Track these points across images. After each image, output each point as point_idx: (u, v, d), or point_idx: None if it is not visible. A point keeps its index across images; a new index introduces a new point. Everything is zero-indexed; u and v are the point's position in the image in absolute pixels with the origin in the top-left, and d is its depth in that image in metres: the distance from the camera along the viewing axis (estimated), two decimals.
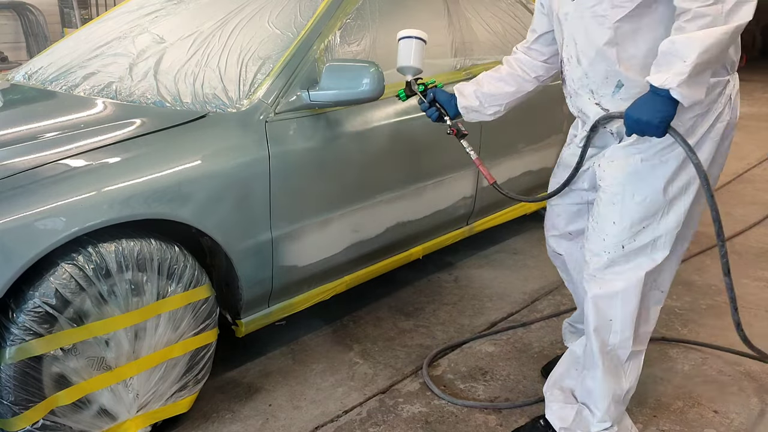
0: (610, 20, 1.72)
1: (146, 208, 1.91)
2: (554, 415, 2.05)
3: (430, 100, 2.23)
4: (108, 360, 1.91)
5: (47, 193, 1.76)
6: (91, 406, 1.90)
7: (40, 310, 1.73)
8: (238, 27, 2.59)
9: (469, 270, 3.36)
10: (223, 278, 2.28)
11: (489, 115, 2.21)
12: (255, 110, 2.24)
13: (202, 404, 2.28)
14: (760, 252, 3.57)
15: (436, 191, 2.89)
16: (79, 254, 1.80)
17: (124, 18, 3.02)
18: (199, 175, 2.04)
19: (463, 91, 2.21)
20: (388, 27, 2.73)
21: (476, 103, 2.18)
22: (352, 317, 2.89)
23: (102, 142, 1.98)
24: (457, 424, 2.21)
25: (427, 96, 2.23)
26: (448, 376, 2.47)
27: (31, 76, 2.83)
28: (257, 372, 2.50)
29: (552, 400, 2.08)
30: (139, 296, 1.93)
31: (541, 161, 3.48)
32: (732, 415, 2.24)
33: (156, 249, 1.95)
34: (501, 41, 3.26)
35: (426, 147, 2.78)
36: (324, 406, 2.30)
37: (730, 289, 1.83)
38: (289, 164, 2.27)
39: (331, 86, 2.29)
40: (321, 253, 2.47)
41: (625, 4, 1.70)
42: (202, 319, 2.11)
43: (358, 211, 2.56)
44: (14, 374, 1.72)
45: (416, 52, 2.21)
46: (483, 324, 2.84)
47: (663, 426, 2.19)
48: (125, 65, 2.58)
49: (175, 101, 2.29)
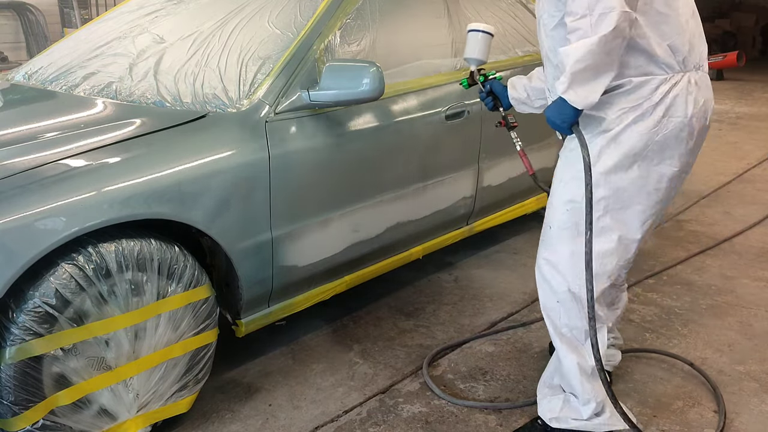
0: (548, 29, 1.95)
1: (146, 208, 1.91)
2: (544, 408, 2.12)
3: (487, 90, 2.45)
4: (108, 360, 1.91)
5: (47, 193, 1.76)
6: (91, 406, 1.90)
7: (40, 310, 1.73)
8: (238, 27, 2.59)
9: (469, 270, 3.36)
10: (223, 278, 2.28)
11: (537, 108, 2.37)
12: (255, 110, 2.24)
13: (202, 404, 2.28)
14: (760, 252, 3.57)
15: (436, 191, 2.88)
16: (79, 254, 1.80)
17: (124, 18, 3.02)
18: (199, 175, 2.04)
19: (515, 84, 2.38)
20: (388, 27, 2.73)
21: (524, 95, 2.36)
22: (352, 317, 2.89)
23: (102, 142, 1.98)
24: (457, 424, 2.21)
25: (486, 86, 2.45)
26: (448, 376, 2.47)
27: (31, 76, 2.83)
28: (257, 372, 2.50)
29: (541, 398, 2.15)
30: (139, 296, 1.93)
31: (541, 161, 3.48)
32: (732, 415, 2.24)
33: (156, 249, 1.95)
34: (501, 41, 3.26)
35: (426, 147, 2.78)
36: (324, 406, 2.30)
37: (590, 286, 1.84)
38: (289, 164, 2.27)
39: (331, 86, 2.29)
40: (321, 253, 2.47)
41: (555, 14, 1.91)
42: (202, 319, 2.11)
43: (358, 211, 2.56)
44: (14, 374, 1.72)
45: (482, 44, 2.40)
46: (483, 324, 2.84)
47: (663, 426, 2.19)
48: (125, 65, 2.58)
49: (175, 101, 2.29)
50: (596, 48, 1.70)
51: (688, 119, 1.87)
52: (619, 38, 1.72)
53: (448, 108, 2.85)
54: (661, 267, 3.36)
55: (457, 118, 2.89)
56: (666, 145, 1.88)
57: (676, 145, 1.89)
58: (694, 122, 1.89)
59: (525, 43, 3.39)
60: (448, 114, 2.85)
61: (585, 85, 1.75)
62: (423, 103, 2.76)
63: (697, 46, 1.91)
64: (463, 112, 2.92)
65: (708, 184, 4.74)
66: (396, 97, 2.65)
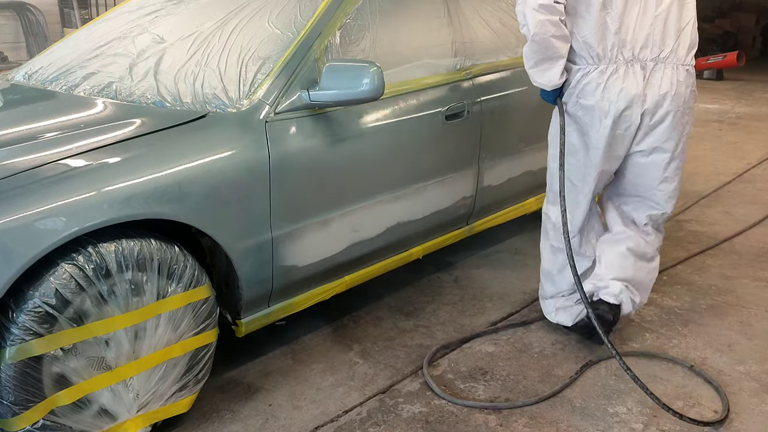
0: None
1: (146, 208, 1.91)
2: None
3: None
4: (108, 360, 1.91)
5: (47, 193, 1.76)
6: (91, 406, 1.90)
7: (40, 310, 1.73)
8: (238, 27, 2.59)
9: (469, 270, 3.36)
10: (223, 278, 2.28)
11: None
12: (255, 110, 2.24)
13: (202, 404, 2.28)
14: (760, 252, 3.57)
15: (436, 191, 2.88)
16: (79, 254, 1.80)
17: (124, 18, 3.02)
18: (199, 175, 2.04)
19: None
20: (388, 27, 2.73)
21: None
22: (352, 317, 2.89)
23: (102, 142, 1.98)
24: (457, 424, 2.21)
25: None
26: (448, 376, 2.47)
27: (31, 76, 2.83)
28: (257, 372, 2.50)
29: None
30: (139, 296, 1.93)
31: (541, 161, 3.48)
32: (732, 415, 2.24)
33: (156, 249, 1.95)
34: (501, 41, 3.26)
35: (426, 147, 2.78)
36: (324, 405, 2.30)
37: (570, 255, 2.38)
38: (289, 164, 2.27)
39: (331, 86, 2.29)
40: (321, 253, 2.47)
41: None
42: (202, 319, 2.11)
43: (358, 211, 2.56)
44: (14, 374, 1.72)
45: None
46: (483, 324, 2.84)
47: (663, 426, 2.19)
48: (125, 65, 2.58)
49: (175, 101, 2.29)
50: (528, 49, 2.39)
51: (612, 107, 2.34)
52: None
53: (447, 108, 2.85)
54: (661, 267, 3.36)
55: (456, 118, 2.89)
56: (596, 124, 2.38)
57: (603, 128, 2.37)
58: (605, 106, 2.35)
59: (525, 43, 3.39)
60: (448, 114, 2.85)
61: (535, 73, 2.42)
62: (423, 103, 2.76)
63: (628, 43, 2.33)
64: (463, 112, 2.91)
65: (708, 184, 4.73)
66: (396, 97, 2.65)
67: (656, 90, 2.32)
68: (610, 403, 2.31)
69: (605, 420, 2.22)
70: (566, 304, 2.65)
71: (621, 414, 2.25)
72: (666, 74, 2.32)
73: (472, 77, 3.01)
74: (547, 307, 2.73)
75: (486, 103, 3.02)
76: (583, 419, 2.22)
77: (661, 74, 2.31)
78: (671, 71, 2.32)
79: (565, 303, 2.65)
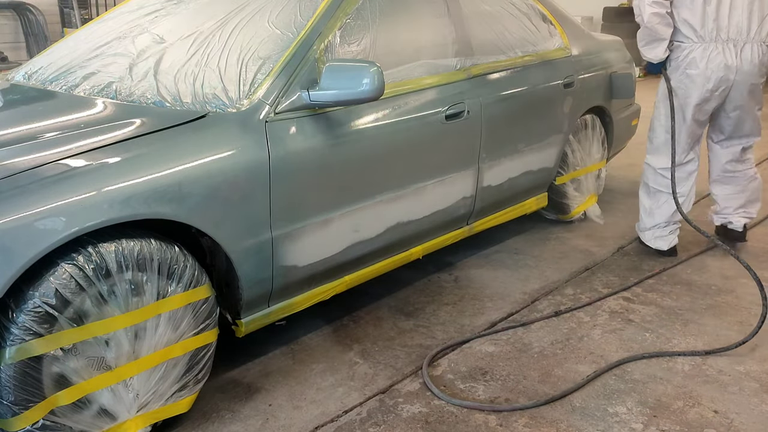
0: None
1: (146, 208, 1.91)
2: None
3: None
4: (108, 360, 1.91)
5: (47, 193, 1.76)
6: (91, 406, 1.90)
7: (40, 310, 1.73)
8: (238, 27, 2.59)
9: (469, 270, 3.36)
10: (223, 278, 2.28)
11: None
12: (255, 110, 2.24)
13: (202, 404, 2.28)
14: (760, 252, 3.57)
15: (436, 191, 2.88)
16: (79, 254, 1.80)
17: (124, 18, 3.02)
18: (199, 175, 2.04)
19: None
20: (388, 27, 2.73)
21: None
22: (352, 317, 2.89)
23: (102, 142, 1.98)
24: (457, 424, 2.21)
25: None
26: (448, 376, 2.47)
27: (31, 76, 2.83)
28: (257, 372, 2.50)
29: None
30: (139, 296, 1.93)
31: (541, 161, 3.49)
32: (732, 415, 2.24)
33: (156, 249, 1.95)
34: (502, 41, 3.26)
35: (426, 147, 2.78)
36: (324, 406, 2.30)
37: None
38: (289, 164, 2.27)
39: (331, 86, 2.29)
40: (321, 253, 2.47)
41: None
42: (202, 319, 2.11)
43: (358, 211, 2.56)
44: (14, 374, 1.72)
45: None
46: (483, 324, 2.84)
47: (663, 426, 2.19)
48: (125, 65, 2.58)
49: (175, 101, 2.29)
50: (641, 33, 3.28)
51: (702, 73, 3.16)
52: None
53: (448, 108, 2.85)
54: (661, 267, 3.36)
55: (456, 118, 2.89)
56: (686, 84, 3.23)
57: (695, 85, 3.21)
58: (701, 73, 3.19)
59: (525, 43, 3.39)
60: (448, 114, 2.85)
61: (645, 51, 3.27)
62: (423, 103, 2.76)
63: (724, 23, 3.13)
64: (463, 112, 2.92)
65: (708, 184, 4.71)
66: (396, 97, 2.65)
67: (747, 61, 3.14)
68: (609, 403, 2.31)
69: (605, 420, 2.22)
70: (662, 233, 3.48)
71: (621, 414, 2.25)
72: (752, 50, 3.13)
73: (472, 77, 3.01)
74: (645, 236, 3.54)
75: (486, 103, 3.03)
76: (582, 419, 2.22)
77: (749, 50, 3.13)
78: (756, 47, 3.14)
79: (661, 233, 3.48)
